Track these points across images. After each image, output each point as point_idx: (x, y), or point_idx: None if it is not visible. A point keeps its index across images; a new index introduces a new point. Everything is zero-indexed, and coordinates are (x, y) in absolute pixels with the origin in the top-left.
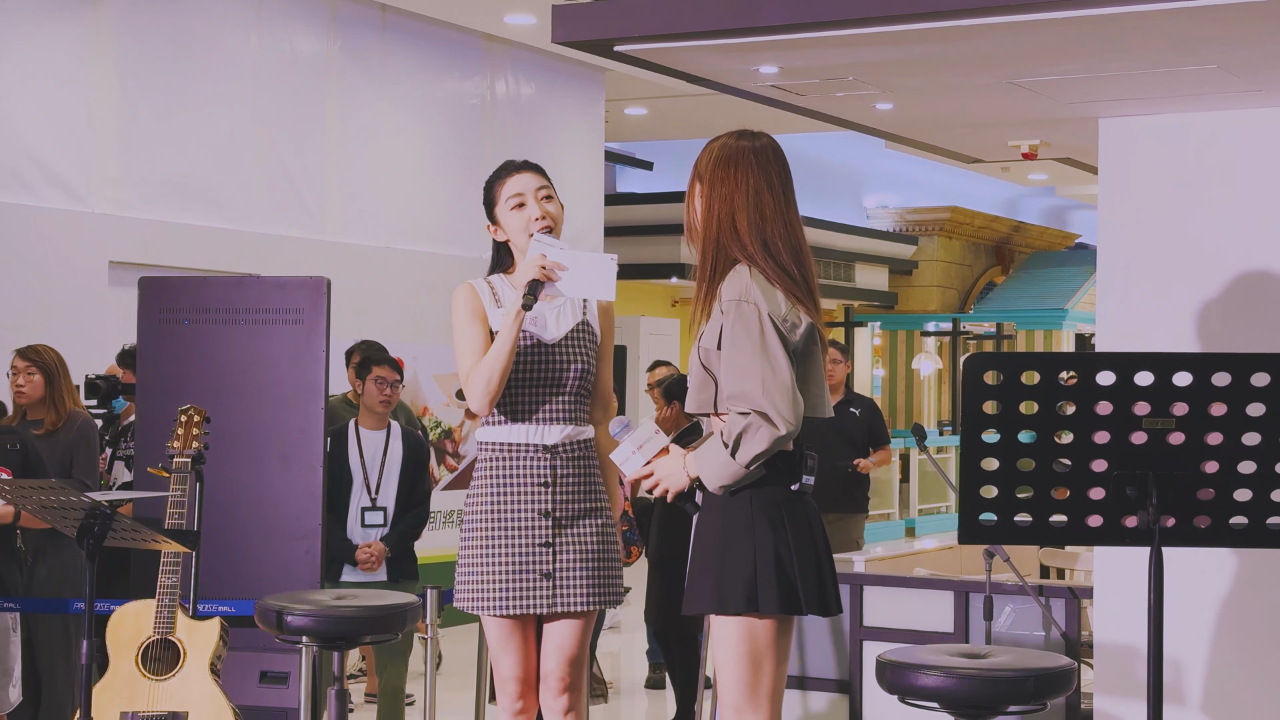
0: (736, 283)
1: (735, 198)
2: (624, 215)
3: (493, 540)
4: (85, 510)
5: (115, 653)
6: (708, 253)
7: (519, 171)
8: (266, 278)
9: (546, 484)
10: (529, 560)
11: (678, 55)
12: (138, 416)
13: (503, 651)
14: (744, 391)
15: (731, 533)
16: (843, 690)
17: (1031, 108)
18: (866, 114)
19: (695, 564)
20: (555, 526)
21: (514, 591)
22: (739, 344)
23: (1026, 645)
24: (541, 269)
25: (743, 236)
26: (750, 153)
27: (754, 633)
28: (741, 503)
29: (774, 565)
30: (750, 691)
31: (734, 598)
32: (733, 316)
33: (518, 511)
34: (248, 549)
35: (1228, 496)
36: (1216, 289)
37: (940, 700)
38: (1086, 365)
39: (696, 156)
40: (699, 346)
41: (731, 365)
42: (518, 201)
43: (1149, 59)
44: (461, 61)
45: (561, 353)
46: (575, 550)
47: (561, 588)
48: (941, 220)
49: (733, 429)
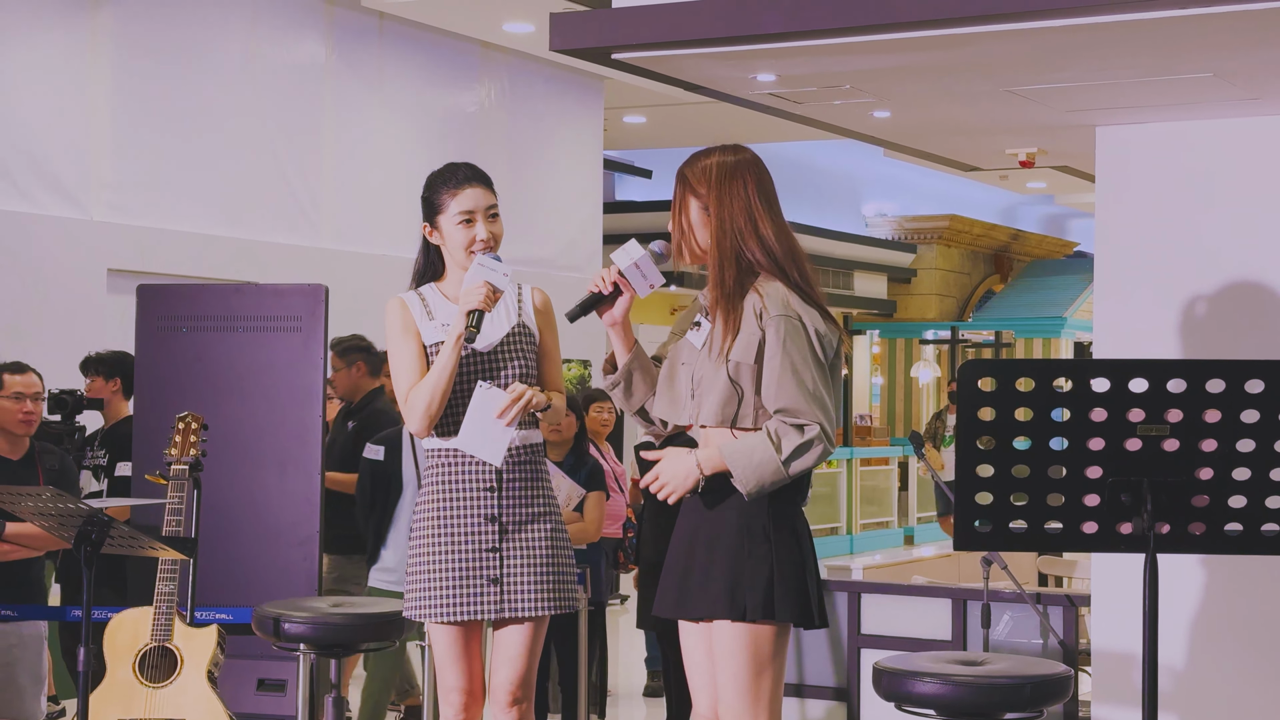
0: (777, 296)
1: (750, 211)
2: (623, 223)
3: (439, 547)
4: (83, 518)
5: (112, 660)
6: (727, 266)
7: (469, 185)
8: (264, 285)
9: (492, 489)
10: (475, 566)
11: (675, 63)
12: (135, 424)
13: (448, 660)
14: (800, 407)
15: (749, 538)
16: (840, 698)
17: (1029, 115)
18: (864, 122)
19: (701, 566)
20: (501, 532)
21: (461, 598)
22: (792, 357)
23: (1024, 653)
24: (486, 298)
25: (769, 248)
26: (750, 166)
27: (759, 640)
28: (759, 508)
29: (792, 575)
30: (752, 698)
31: (751, 604)
32: (783, 330)
33: (462, 517)
34: (245, 556)
35: (1222, 503)
36: (1213, 296)
37: (937, 707)
38: (1081, 371)
39: (680, 170)
40: (728, 360)
41: (785, 378)
42: (466, 219)
43: (1146, 67)
44: (459, 69)
45: (499, 358)
46: (523, 555)
47: (510, 593)
48: (940, 228)
49: (789, 440)
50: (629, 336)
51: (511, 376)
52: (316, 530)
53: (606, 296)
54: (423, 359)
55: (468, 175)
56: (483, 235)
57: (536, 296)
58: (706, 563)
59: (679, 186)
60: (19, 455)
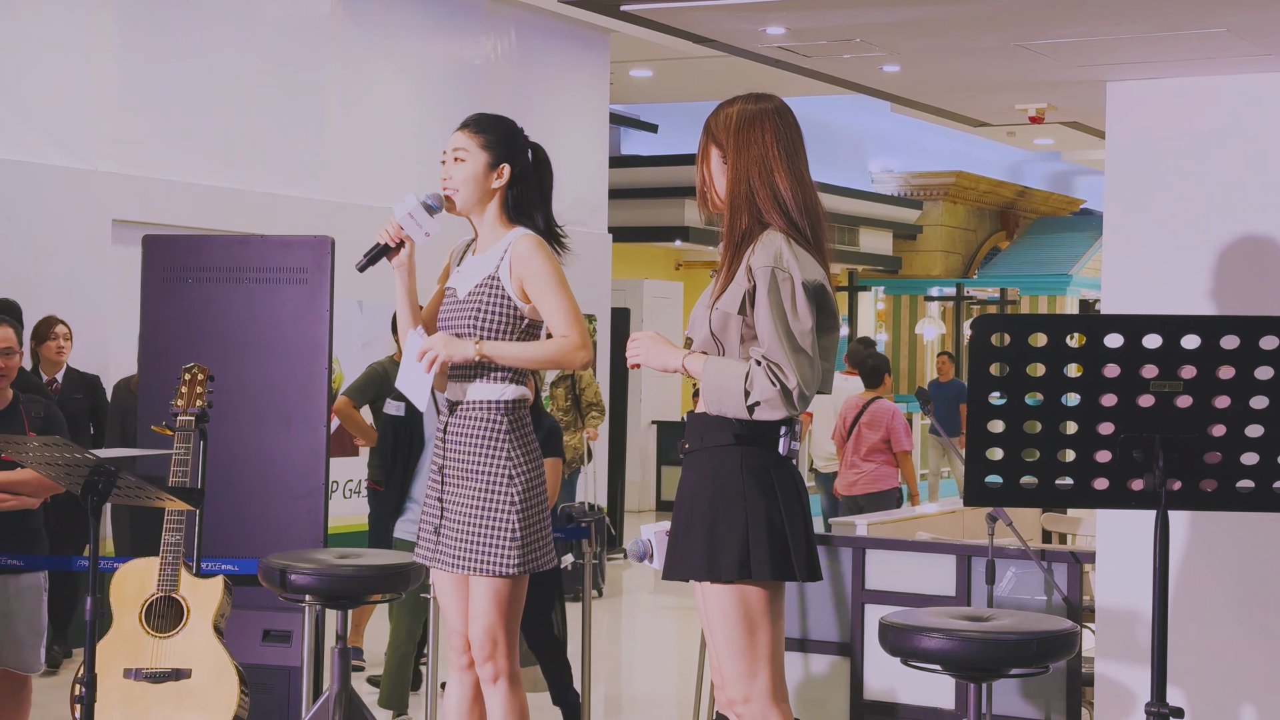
0: (770, 249)
1: (766, 161)
2: (628, 178)
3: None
4: (89, 468)
5: (119, 609)
6: (739, 218)
7: (457, 129)
8: (271, 237)
9: (443, 439)
10: (429, 513)
11: (685, 15)
12: (140, 374)
13: (441, 603)
14: (781, 360)
15: (722, 498)
16: (844, 653)
17: (1039, 70)
18: (873, 76)
19: (681, 530)
20: (444, 483)
21: (421, 542)
22: (773, 311)
23: (1028, 609)
24: (384, 231)
25: (781, 200)
26: (772, 115)
27: (746, 599)
28: (731, 467)
29: (766, 531)
30: (748, 657)
31: (727, 565)
32: (766, 283)
33: (430, 466)
34: (251, 507)
35: (1234, 460)
36: (1224, 253)
37: (943, 662)
38: (1094, 327)
39: (707, 120)
40: (714, 308)
41: (768, 330)
42: (441, 158)
43: (1158, 21)
44: (465, 21)
45: (467, 307)
46: (457, 508)
47: (444, 543)
48: (946, 185)
49: (760, 387)
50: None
51: (470, 325)
52: (322, 482)
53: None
54: (438, 300)
55: (462, 121)
56: (443, 175)
57: (520, 246)
58: (688, 526)
59: (703, 136)
60: (2, 406)
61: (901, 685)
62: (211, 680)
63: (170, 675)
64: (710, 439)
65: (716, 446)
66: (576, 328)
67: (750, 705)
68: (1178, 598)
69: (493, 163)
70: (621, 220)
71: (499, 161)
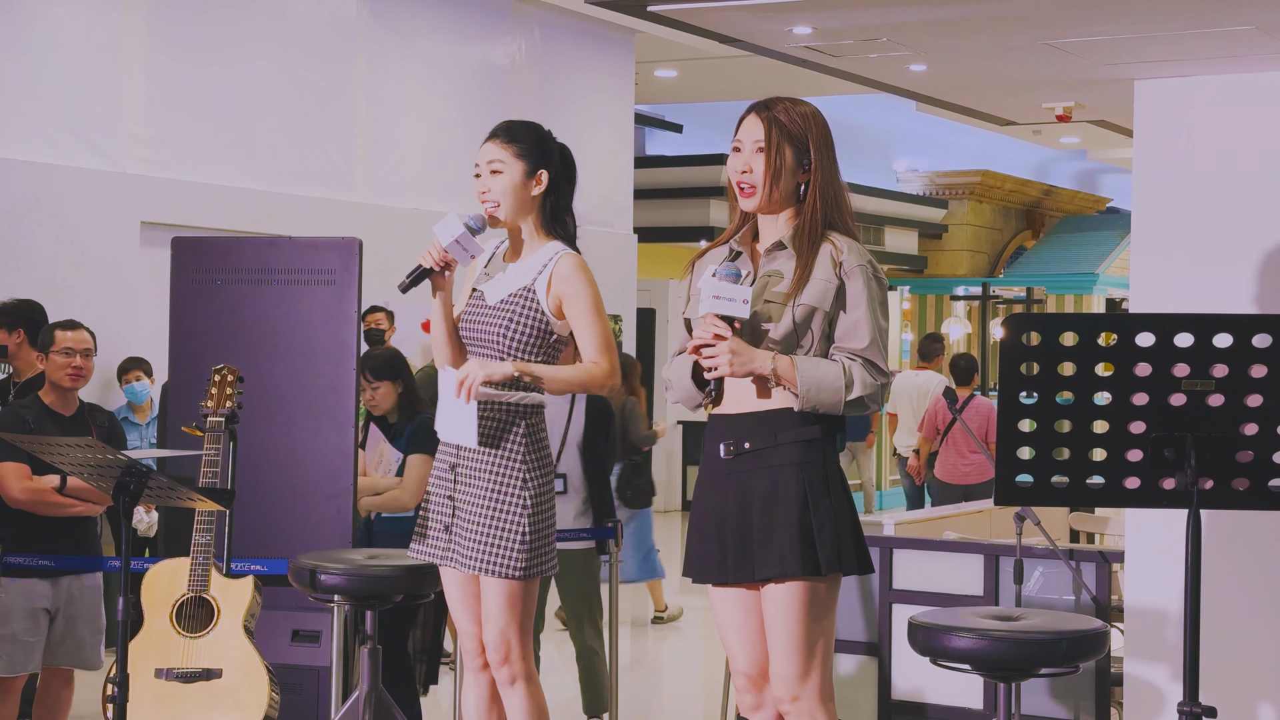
0: (856, 250)
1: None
2: (653, 178)
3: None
4: (121, 469)
5: (150, 610)
6: (819, 217)
7: (488, 140)
8: (299, 238)
9: None
10: (437, 510)
11: (711, 15)
12: (170, 375)
13: (450, 604)
14: (878, 356)
15: (812, 493)
16: (872, 653)
17: (1066, 69)
18: (900, 75)
19: (761, 527)
20: (456, 481)
21: (425, 539)
22: (870, 309)
23: (1056, 609)
24: (427, 254)
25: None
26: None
27: (818, 595)
28: (816, 462)
29: (853, 525)
30: (805, 654)
31: (825, 558)
32: (864, 279)
33: (440, 462)
34: (280, 508)
35: (1267, 459)
36: (1253, 251)
37: (972, 662)
38: (1126, 326)
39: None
40: (798, 303)
41: (868, 324)
42: (476, 172)
43: (1186, 19)
44: (490, 23)
45: (497, 315)
46: (469, 508)
47: (456, 542)
48: (971, 184)
49: (862, 381)
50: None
51: (495, 334)
52: (350, 483)
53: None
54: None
55: (492, 131)
56: (480, 189)
57: (564, 264)
58: (767, 523)
59: (770, 128)
60: (70, 412)
61: (930, 685)
62: (242, 680)
63: (201, 675)
64: (790, 434)
65: (801, 441)
66: (609, 355)
67: (799, 704)
68: (1208, 596)
69: (530, 170)
70: (646, 220)
71: (536, 168)
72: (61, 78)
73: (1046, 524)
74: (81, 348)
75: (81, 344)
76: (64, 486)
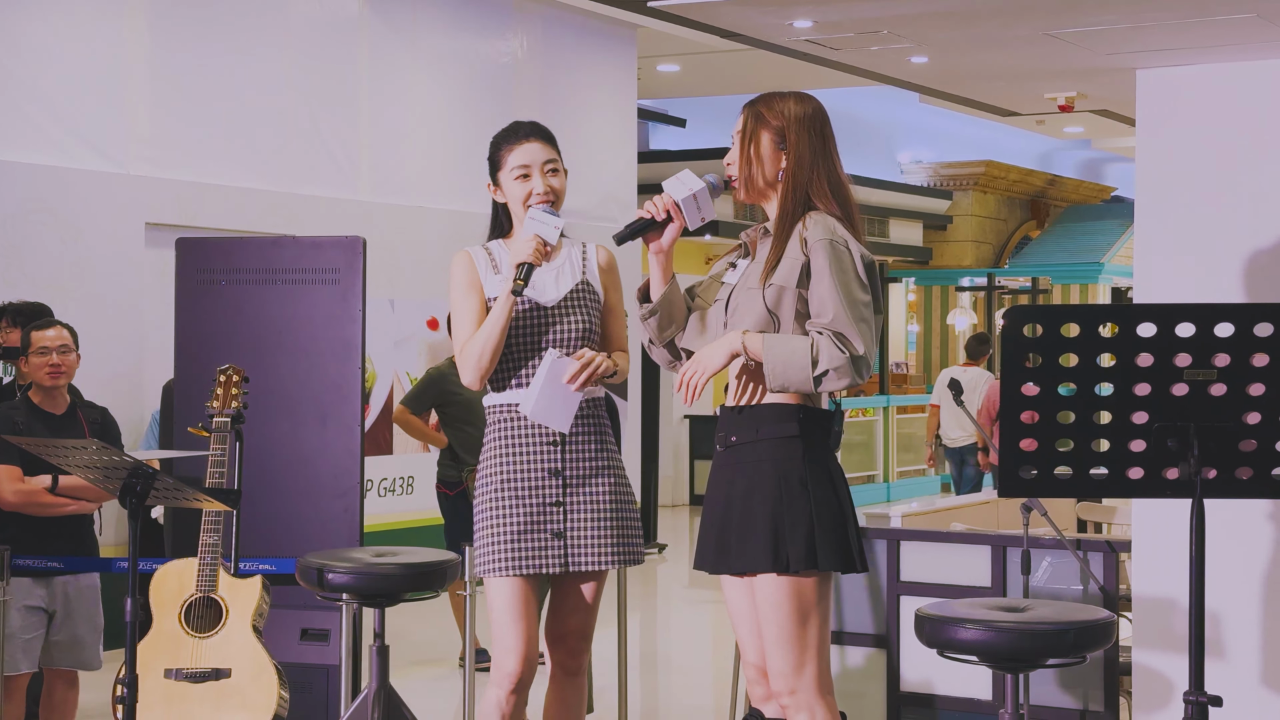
0: (823, 224)
1: (824, 151)
2: (657, 173)
3: (503, 502)
4: (128, 470)
5: (158, 610)
6: (796, 200)
7: (527, 140)
8: (302, 238)
9: (555, 443)
10: (540, 520)
11: (713, 9)
12: (175, 376)
13: (508, 618)
14: (847, 328)
15: (785, 488)
16: (880, 645)
17: (1069, 59)
18: (901, 67)
19: (740, 519)
20: (565, 485)
21: (525, 552)
22: (835, 280)
23: (1064, 599)
24: (535, 251)
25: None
26: (824, 114)
27: (802, 590)
28: (794, 457)
29: (831, 522)
30: (799, 648)
31: (794, 556)
32: (828, 254)
33: (527, 472)
34: (287, 507)
35: (1270, 447)
36: (1257, 240)
37: (980, 653)
38: (1127, 317)
39: (753, 107)
40: (769, 284)
41: (833, 297)
42: (523, 173)
43: (1187, 8)
44: (492, 19)
45: (562, 314)
46: (586, 509)
47: (574, 546)
48: (976, 174)
49: (827, 354)
50: (669, 267)
51: (573, 333)
52: (357, 481)
53: (659, 224)
54: (482, 312)
55: (527, 131)
56: (539, 189)
57: (601, 255)
58: (745, 516)
59: (750, 121)
60: (60, 410)
61: (938, 676)
62: (251, 679)
63: (210, 675)
64: (768, 430)
65: (778, 438)
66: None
67: (796, 697)
68: (1214, 585)
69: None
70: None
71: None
72: (64, 80)
73: (1053, 514)
74: (58, 345)
75: (58, 341)
76: (55, 486)
